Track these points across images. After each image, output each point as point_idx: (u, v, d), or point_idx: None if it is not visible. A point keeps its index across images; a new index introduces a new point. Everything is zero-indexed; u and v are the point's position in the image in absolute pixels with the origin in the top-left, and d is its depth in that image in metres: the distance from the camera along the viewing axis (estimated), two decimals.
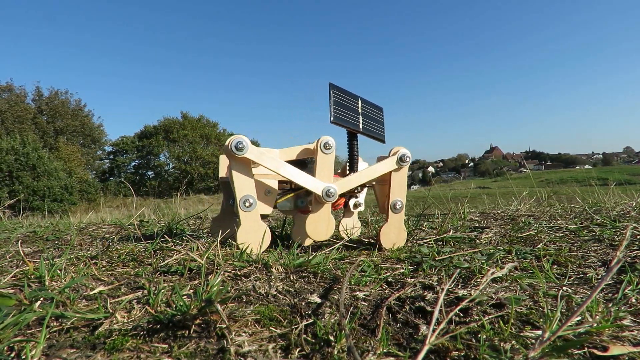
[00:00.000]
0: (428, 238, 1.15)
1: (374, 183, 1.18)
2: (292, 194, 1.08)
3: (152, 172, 27.21)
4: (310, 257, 0.88)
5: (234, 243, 0.96)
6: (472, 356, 0.47)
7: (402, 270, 0.83)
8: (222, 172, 1.13)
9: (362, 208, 1.18)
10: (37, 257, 1.05)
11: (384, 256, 0.98)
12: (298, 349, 0.50)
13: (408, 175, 1.16)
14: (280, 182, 1.08)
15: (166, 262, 0.91)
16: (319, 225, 1.02)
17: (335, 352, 0.48)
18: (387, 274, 0.81)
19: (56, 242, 1.34)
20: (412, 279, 0.77)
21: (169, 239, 1.19)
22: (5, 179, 13.58)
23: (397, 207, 1.10)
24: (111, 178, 26.11)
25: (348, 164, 1.14)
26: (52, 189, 14.27)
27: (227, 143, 0.92)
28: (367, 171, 1.08)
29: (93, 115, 25.38)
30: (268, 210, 1.02)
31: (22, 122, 21.07)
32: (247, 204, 0.95)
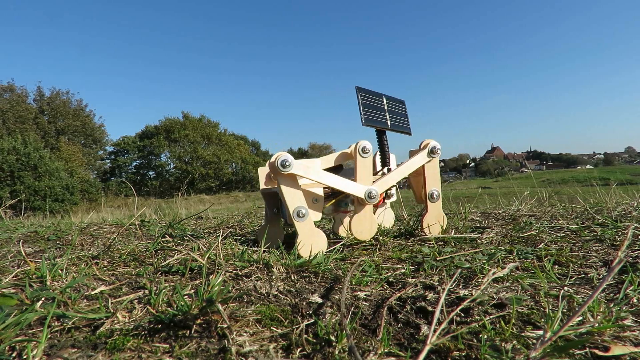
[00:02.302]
0: (429, 238, 1.15)
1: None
2: (335, 200, 1.13)
3: (154, 172, 27.25)
4: (311, 257, 0.88)
5: (297, 250, 0.98)
6: (474, 356, 0.47)
7: (403, 270, 0.83)
8: (262, 184, 1.20)
9: (394, 198, 1.20)
10: (39, 257, 1.05)
11: (385, 256, 0.98)
12: (299, 349, 0.50)
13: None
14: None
15: (167, 262, 0.91)
16: (363, 226, 1.07)
17: (337, 352, 0.48)
18: (388, 274, 0.81)
19: (57, 242, 1.34)
20: (413, 279, 0.77)
21: (170, 239, 1.19)
22: (6, 179, 13.61)
23: (434, 196, 1.18)
24: (112, 178, 26.15)
25: (380, 159, 1.20)
26: (53, 189, 14.29)
27: (272, 160, 0.98)
28: (402, 168, 1.14)
29: (94, 115, 25.42)
30: (318, 216, 1.06)
31: (23, 122, 21.11)
32: (300, 215, 0.99)
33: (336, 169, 1.17)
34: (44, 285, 0.73)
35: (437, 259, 0.90)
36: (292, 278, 0.78)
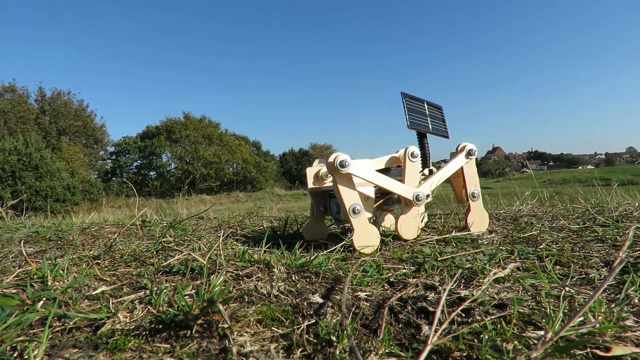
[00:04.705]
0: (430, 238, 1.15)
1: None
2: (383, 199, 1.19)
3: (154, 173, 27.25)
4: (312, 257, 0.88)
5: (354, 246, 1.03)
6: (474, 356, 0.47)
7: (404, 271, 0.83)
8: (310, 183, 1.26)
9: (429, 199, 1.22)
10: (40, 257, 1.05)
11: (386, 256, 0.98)
12: (300, 349, 0.50)
13: None
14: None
15: (168, 262, 0.91)
16: (410, 226, 1.14)
17: (337, 353, 0.48)
18: (389, 274, 0.81)
19: (59, 242, 1.34)
20: (414, 279, 0.77)
21: (171, 239, 1.19)
22: (8, 179, 13.62)
23: (475, 195, 1.25)
24: (113, 178, 26.15)
25: (421, 161, 1.25)
26: (54, 189, 14.30)
27: (331, 160, 1.02)
28: (443, 170, 1.21)
29: (95, 115, 25.38)
30: (369, 214, 1.11)
31: (24, 122, 21.11)
32: (355, 211, 1.04)
33: (384, 171, 1.22)
34: (45, 285, 0.73)
35: (438, 259, 0.90)
36: (293, 278, 0.78)
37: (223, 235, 1.22)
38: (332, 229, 1.53)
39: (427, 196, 1.28)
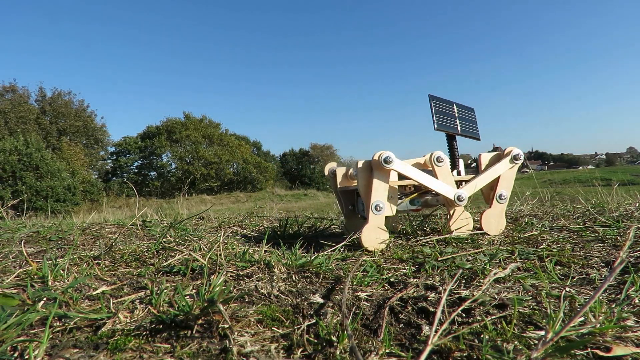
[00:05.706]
0: (430, 238, 1.15)
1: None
2: (409, 198, 1.22)
3: (155, 173, 27.24)
4: (313, 258, 0.88)
5: (360, 239, 1.05)
6: (475, 357, 0.47)
7: (404, 271, 0.83)
8: (339, 183, 1.29)
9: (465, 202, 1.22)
10: (40, 257, 1.05)
11: (387, 256, 0.98)
12: (300, 349, 0.50)
13: None
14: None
15: (169, 262, 0.91)
16: (460, 223, 1.18)
17: (338, 353, 0.48)
18: (390, 275, 0.81)
19: (59, 243, 1.34)
20: (415, 280, 0.77)
21: (172, 239, 1.19)
22: (8, 179, 13.63)
23: (503, 197, 1.24)
24: (114, 178, 26.15)
25: (450, 163, 1.27)
26: (55, 189, 14.30)
27: (375, 157, 1.05)
28: (489, 173, 1.22)
29: (96, 115, 25.36)
30: (392, 212, 1.12)
31: (25, 122, 21.11)
32: (377, 208, 1.07)
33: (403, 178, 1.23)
34: (46, 285, 0.73)
35: (439, 259, 0.90)
36: (294, 278, 0.78)
37: (223, 236, 1.22)
38: (333, 229, 1.53)
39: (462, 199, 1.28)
